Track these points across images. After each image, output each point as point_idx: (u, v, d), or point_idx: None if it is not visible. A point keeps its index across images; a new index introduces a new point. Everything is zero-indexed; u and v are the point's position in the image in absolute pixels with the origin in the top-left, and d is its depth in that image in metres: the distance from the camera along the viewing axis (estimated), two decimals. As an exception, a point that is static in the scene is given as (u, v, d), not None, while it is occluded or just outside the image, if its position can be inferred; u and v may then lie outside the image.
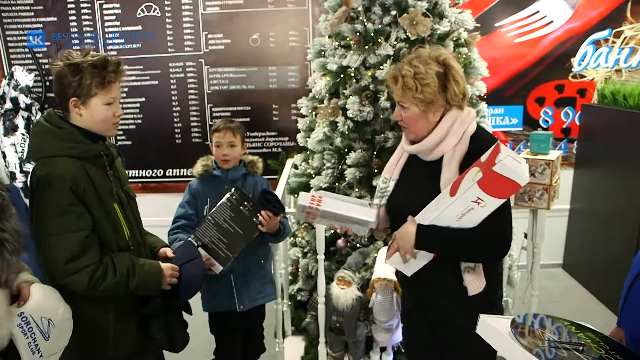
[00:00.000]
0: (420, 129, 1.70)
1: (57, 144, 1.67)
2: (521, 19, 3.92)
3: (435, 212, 1.60)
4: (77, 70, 1.65)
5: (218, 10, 3.93)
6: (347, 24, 2.87)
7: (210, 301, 2.37)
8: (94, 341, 1.76)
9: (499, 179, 1.43)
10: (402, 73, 1.66)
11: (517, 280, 3.21)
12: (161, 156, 4.16)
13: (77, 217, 1.63)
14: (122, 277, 1.68)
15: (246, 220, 2.12)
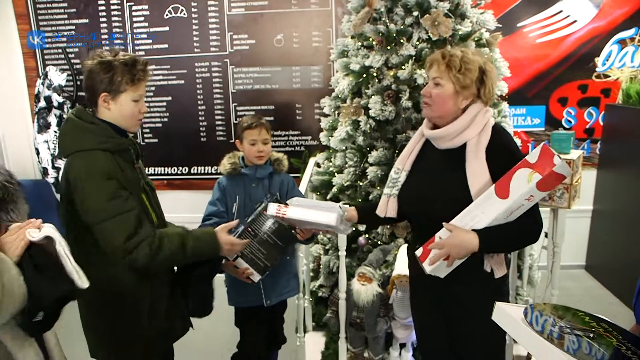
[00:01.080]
0: (445, 109, 1.78)
1: (90, 139, 1.77)
2: (544, 19, 3.91)
3: (485, 216, 1.66)
4: (109, 68, 1.76)
5: (243, 11, 4.01)
6: (369, 24, 2.90)
7: (238, 297, 2.41)
8: (131, 317, 1.87)
9: (556, 176, 1.57)
10: (451, 52, 1.77)
11: (537, 280, 3.21)
12: (186, 154, 4.25)
13: (125, 200, 1.73)
14: (178, 244, 1.79)
15: (284, 231, 2.15)
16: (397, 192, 1.92)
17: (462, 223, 1.70)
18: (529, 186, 1.58)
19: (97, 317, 1.91)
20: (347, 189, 2.97)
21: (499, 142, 1.74)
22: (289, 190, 2.42)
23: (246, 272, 2.19)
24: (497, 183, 1.65)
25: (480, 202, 1.67)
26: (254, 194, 2.34)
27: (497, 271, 1.80)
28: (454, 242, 1.69)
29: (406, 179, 1.91)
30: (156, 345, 1.95)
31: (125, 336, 1.90)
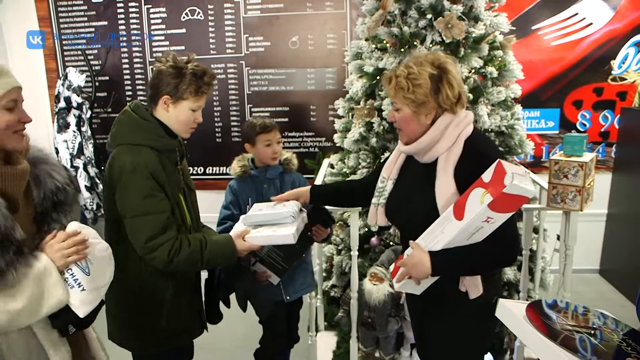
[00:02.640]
0: (412, 130, 1.71)
1: (142, 135, 1.84)
2: (559, 22, 3.90)
3: (443, 237, 1.58)
4: (179, 74, 1.82)
5: (259, 14, 4.06)
6: (383, 27, 2.92)
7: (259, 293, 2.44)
8: (150, 314, 1.92)
9: (510, 197, 1.43)
10: (396, 73, 1.68)
11: (549, 283, 3.20)
12: (202, 154, 4.30)
13: (159, 201, 1.79)
14: (195, 247, 1.82)
15: (301, 234, 2.16)
16: (384, 202, 1.88)
17: (424, 242, 1.65)
18: (482, 208, 1.47)
19: (117, 306, 1.98)
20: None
21: (470, 155, 1.63)
22: None
23: (264, 275, 2.23)
24: (456, 202, 1.57)
25: (440, 222, 1.60)
26: (266, 195, 2.36)
27: (471, 292, 1.69)
28: (412, 262, 1.66)
29: (392, 187, 1.87)
30: (172, 342, 1.99)
31: (141, 330, 1.96)
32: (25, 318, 1.37)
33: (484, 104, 2.88)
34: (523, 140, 3.00)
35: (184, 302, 1.99)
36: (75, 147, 4.05)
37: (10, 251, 1.32)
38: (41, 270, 1.39)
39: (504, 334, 2.89)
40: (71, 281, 1.47)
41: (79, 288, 1.48)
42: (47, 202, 1.54)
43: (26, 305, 1.34)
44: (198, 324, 2.10)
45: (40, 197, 1.53)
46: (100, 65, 4.25)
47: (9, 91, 1.40)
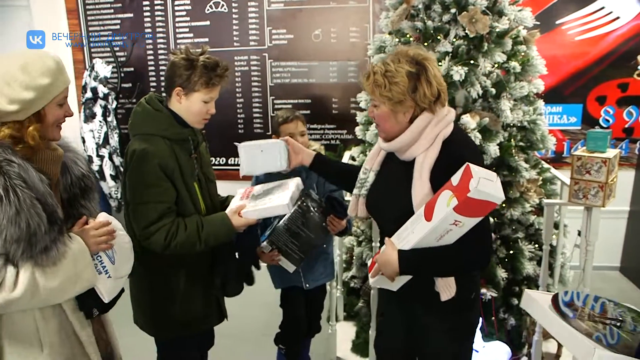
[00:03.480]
0: (389, 127, 1.68)
1: (153, 125, 1.90)
2: (584, 16, 3.87)
3: (412, 236, 1.57)
4: (191, 66, 1.86)
5: (282, 7, 4.09)
6: (407, 21, 2.93)
7: (281, 280, 2.51)
8: (164, 301, 1.98)
9: (475, 202, 1.42)
10: (374, 70, 1.65)
11: (569, 279, 3.21)
12: (224, 145, 4.21)
13: (162, 191, 1.84)
14: (191, 229, 1.86)
15: (316, 225, 2.22)
16: (365, 193, 1.86)
17: (398, 239, 1.64)
18: (448, 211, 1.45)
19: (138, 291, 2.05)
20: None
21: (447, 157, 1.61)
22: (325, 182, 2.44)
23: (272, 255, 2.25)
24: (427, 203, 1.55)
25: (412, 221, 1.59)
26: None
27: (442, 293, 1.66)
28: (382, 260, 1.67)
29: (374, 180, 1.85)
30: (187, 329, 2.04)
31: (157, 316, 2.02)
32: (59, 296, 1.46)
33: (507, 98, 2.88)
34: (545, 135, 3.00)
35: (199, 291, 2.03)
36: (101, 136, 4.14)
37: (55, 228, 1.41)
38: (77, 252, 1.47)
39: (522, 329, 2.91)
40: (99, 267, 1.56)
41: (106, 275, 1.58)
42: (75, 188, 1.62)
43: (62, 283, 1.43)
44: (216, 313, 2.13)
45: (68, 182, 1.62)
46: (126, 57, 4.32)
47: (64, 90, 1.51)
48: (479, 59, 2.83)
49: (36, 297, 1.39)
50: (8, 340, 1.45)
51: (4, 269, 1.35)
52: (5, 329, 1.45)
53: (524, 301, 1.32)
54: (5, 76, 1.40)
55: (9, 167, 1.34)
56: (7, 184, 1.32)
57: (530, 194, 2.92)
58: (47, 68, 1.44)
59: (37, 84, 1.41)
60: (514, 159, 2.85)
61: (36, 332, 1.46)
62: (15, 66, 1.41)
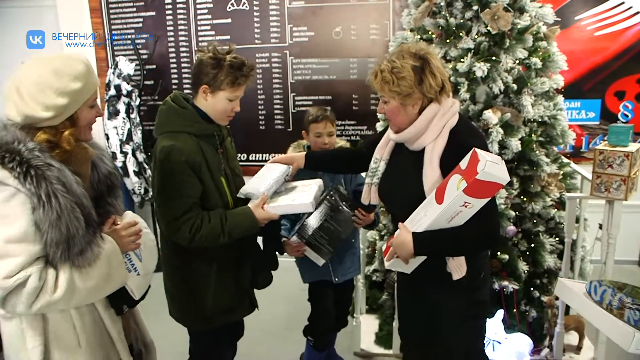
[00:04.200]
0: (401, 121, 1.78)
1: (179, 122, 1.95)
2: (603, 11, 3.87)
3: (425, 219, 1.67)
4: (217, 65, 1.90)
5: (303, 4, 4.13)
6: (429, 18, 2.98)
7: (310, 274, 2.55)
8: (197, 293, 2.03)
9: (483, 184, 1.52)
10: (380, 68, 1.74)
11: (589, 272, 3.22)
12: (245, 141, 4.40)
13: (189, 186, 1.89)
14: (215, 222, 1.91)
15: (345, 219, 2.28)
16: (377, 181, 1.95)
17: (411, 223, 1.73)
18: (458, 193, 1.55)
19: (172, 285, 2.11)
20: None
21: (455, 147, 1.70)
22: (353, 176, 2.53)
23: (297, 247, 2.32)
24: (438, 187, 1.65)
25: (424, 205, 1.69)
26: None
27: (454, 273, 1.77)
28: (396, 242, 1.76)
29: (385, 168, 1.94)
30: (219, 320, 2.09)
31: (190, 309, 2.08)
32: (95, 295, 1.50)
33: (528, 94, 2.91)
34: (565, 130, 3.03)
35: (230, 283, 2.07)
36: (125, 133, 4.22)
37: (91, 230, 1.45)
38: (109, 253, 1.51)
39: (543, 321, 2.95)
40: (129, 266, 1.62)
41: (135, 272, 1.64)
42: (102, 186, 1.66)
43: (97, 283, 1.47)
44: (247, 303, 2.18)
45: (95, 180, 1.64)
46: (148, 55, 4.40)
47: (94, 92, 1.54)
48: (500, 55, 2.87)
49: (74, 297, 1.42)
50: (53, 339, 1.50)
51: (45, 271, 1.38)
52: (51, 328, 1.50)
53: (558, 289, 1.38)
54: (38, 83, 1.41)
55: (49, 172, 1.36)
56: (48, 190, 1.34)
57: (551, 188, 2.96)
58: (79, 72, 1.46)
59: (70, 89, 1.43)
60: (535, 154, 2.89)
61: (74, 330, 1.51)
62: (47, 72, 1.42)
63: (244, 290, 2.15)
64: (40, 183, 1.34)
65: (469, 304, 1.87)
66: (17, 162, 1.32)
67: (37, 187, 1.33)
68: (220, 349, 2.23)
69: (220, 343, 2.22)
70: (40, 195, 1.33)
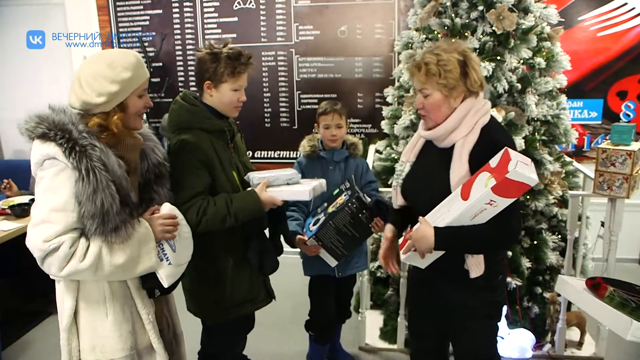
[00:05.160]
0: (441, 115, 1.78)
1: (191, 119, 1.99)
2: (606, 12, 3.90)
3: (448, 214, 1.67)
4: (215, 59, 1.96)
5: (309, 3, 4.16)
6: (435, 18, 3.02)
7: (312, 267, 2.58)
8: (213, 287, 2.08)
9: (512, 183, 1.53)
10: (425, 61, 1.75)
11: (591, 269, 3.26)
12: (251, 138, 4.33)
13: (197, 178, 1.93)
14: (221, 204, 1.93)
15: (363, 226, 2.30)
16: (401, 182, 1.97)
17: (433, 218, 1.73)
18: (485, 191, 1.55)
19: (190, 280, 2.13)
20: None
21: (486, 143, 1.71)
22: (363, 173, 2.57)
23: (313, 248, 2.35)
24: (464, 183, 1.65)
25: (449, 200, 1.69)
26: (331, 176, 2.50)
27: (472, 271, 1.78)
28: (416, 236, 1.75)
29: (409, 170, 1.95)
30: (237, 311, 2.13)
31: (209, 301, 2.12)
32: (120, 274, 1.61)
33: (532, 93, 2.96)
34: (568, 129, 3.07)
35: (245, 274, 2.11)
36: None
37: (127, 210, 1.57)
38: (142, 236, 1.62)
39: (545, 317, 2.99)
40: (161, 254, 1.70)
41: (167, 262, 1.71)
42: (150, 174, 1.78)
43: (125, 263, 1.58)
44: (263, 293, 2.22)
45: (145, 168, 1.78)
46: (155, 52, 4.43)
47: (144, 82, 1.66)
48: (505, 55, 2.91)
49: (100, 271, 1.54)
50: (83, 303, 1.67)
51: (78, 240, 1.52)
52: (82, 294, 1.66)
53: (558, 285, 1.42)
54: (94, 73, 1.56)
55: (92, 151, 1.51)
56: (88, 166, 1.49)
57: (554, 186, 3.00)
58: (130, 63, 1.59)
59: (121, 77, 1.57)
60: (538, 152, 2.94)
61: (104, 301, 1.65)
62: (102, 64, 1.58)
63: (260, 281, 2.19)
64: (82, 159, 1.49)
65: (485, 303, 1.87)
66: (65, 139, 1.49)
67: (78, 162, 1.48)
68: (233, 341, 2.27)
69: (234, 336, 2.26)
70: (80, 169, 1.48)
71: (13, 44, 4.64)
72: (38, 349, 3.25)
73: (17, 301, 3.69)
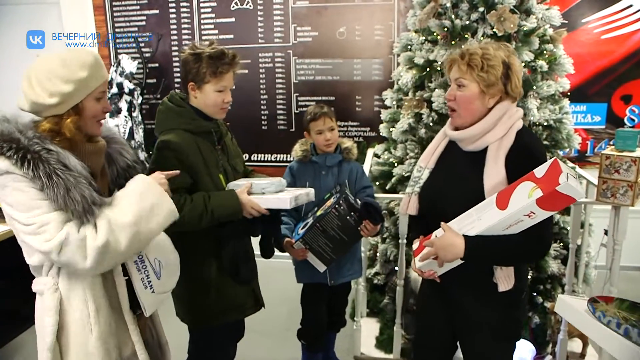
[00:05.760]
0: (472, 111, 1.70)
1: (175, 120, 1.97)
2: (611, 14, 3.84)
3: (480, 223, 1.59)
4: (197, 59, 1.92)
5: (307, 4, 4.11)
6: (434, 19, 2.95)
7: (305, 275, 2.50)
8: (199, 291, 2.02)
9: (560, 196, 1.46)
10: (470, 51, 1.69)
11: (593, 278, 3.20)
12: (248, 142, 4.35)
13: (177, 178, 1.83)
14: (197, 201, 1.88)
15: (351, 229, 2.23)
16: (418, 190, 1.87)
17: (458, 226, 1.65)
18: (529, 202, 1.48)
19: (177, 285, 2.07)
20: (406, 180, 3.03)
21: (522, 147, 1.64)
22: (358, 178, 2.48)
23: (300, 252, 2.29)
24: (500, 192, 1.57)
25: (480, 208, 1.61)
26: (324, 182, 2.43)
27: (501, 284, 1.69)
28: (442, 244, 1.66)
29: (429, 176, 1.86)
30: (223, 317, 2.07)
31: (193, 306, 2.07)
32: (144, 234, 1.51)
33: (534, 97, 2.88)
34: (571, 134, 3.00)
35: (231, 280, 2.04)
36: (126, 131, 4.19)
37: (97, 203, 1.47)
38: (141, 187, 1.54)
39: (546, 327, 2.92)
40: (145, 282, 1.61)
41: (150, 290, 1.62)
42: (121, 179, 1.67)
43: (138, 215, 1.49)
44: (251, 301, 2.16)
45: (114, 174, 1.68)
46: (151, 53, 4.38)
47: (101, 84, 1.54)
48: (506, 58, 2.83)
49: (122, 235, 1.45)
50: (66, 319, 1.55)
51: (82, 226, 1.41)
52: (65, 309, 1.54)
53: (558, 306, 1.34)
54: (46, 72, 1.45)
55: (47, 155, 1.39)
56: (47, 170, 1.38)
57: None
58: (86, 62, 1.48)
59: (77, 77, 1.46)
60: (540, 158, 2.86)
61: (88, 317, 1.54)
62: (56, 62, 1.46)
63: (248, 288, 2.13)
64: (38, 165, 1.37)
65: (505, 320, 1.78)
66: (14, 150, 1.37)
67: (34, 170, 1.37)
68: (220, 349, 2.21)
69: (222, 344, 2.19)
70: (40, 176, 1.37)
71: (13, 44, 4.57)
72: (31, 350, 3.18)
73: (9, 303, 3.62)
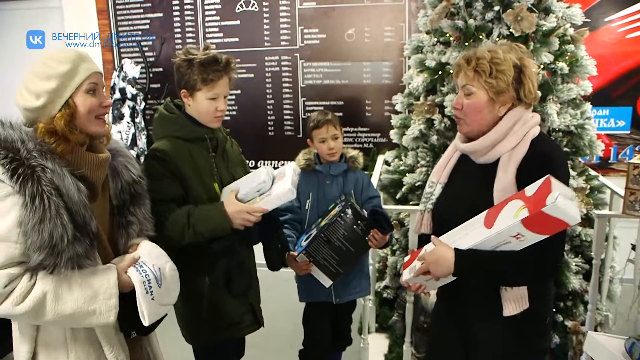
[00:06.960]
0: (480, 120, 1.58)
1: (168, 127, 1.93)
2: (635, 12, 3.68)
3: (465, 240, 1.49)
4: (189, 66, 1.86)
5: (314, 6, 4.03)
6: (447, 19, 2.84)
7: (308, 293, 2.41)
8: (193, 304, 1.96)
9: (548, 219, 1.32)
10: (477, 55, 1.57)
11: (618, 295, 3.06)
12: (254, 147, 4.29)
13: (160, 185, 1.80)
14: (180, 213, 1.80)
15: (358, 239, 2.12)
16: (431, 207, 1.76)
17: (448, 240, 1.56)
18: (514, 222, 1.35)
19: None
20: (417, 189, 2.90)
21: (536, 156, 1.52)
22: (364, 188, 2.38)
23: (304, 265, 2.17)
24: (490, 208, 1.47)
25: (471, 223, 1.51)
26: (328, 191, 2.34)
27: (507, 307, 1.55)
28: (432, 258, 1.56)
29: (441, 192, 1.76)
30: (218, 335, 2.01)
31: (189, 321, 2.03)
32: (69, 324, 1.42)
33: (553, 101, 2.74)
34: (593, 141, 2.86)
35: (225, 295, 1.96)
36: (129, 138, 4.12)
37: (87, 241, 1.38)
38: (103, 289, 1.41)
39: (567, 348, 2.76)
40: (146, 287, 1.49)
41: (150, 296, 1.50)
42: (125, 195, 1.61)
43: (73, 314, 1.38)
44: (249, 318, 2.07)
45: (118, 188, 1.60)
46: (155, 57, 4.32)
47: (89, 76, 1.46)
48: (523, 60, 2.70)
49: (41, 317, 1.36)
50: (42, 346, 1.48)
51: (20, 279, 1.32)
52: (41, 336, 1.47)
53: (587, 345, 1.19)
54: (30, 75, 1.43)
55: (41, 173, 1.33)
56: (34, 190, 1.31)
57: (578, 203, 2.75)
58: (66, 56, 1.44)
59: (57, 71, 1.41)
60: (561, 166, 2.71)
61: (64, 344, 1.47)
62: (37, 63, 1.44)
63: (245, 305, 2.05)
64: (27, 182, 1.31)
65: (525, 351, 1.63)
66: (9, 159, 1.32)
67: (22, 185, 1.31)
68: None
69: None
70: (25, 194, 1.31)
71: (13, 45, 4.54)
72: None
73: None
